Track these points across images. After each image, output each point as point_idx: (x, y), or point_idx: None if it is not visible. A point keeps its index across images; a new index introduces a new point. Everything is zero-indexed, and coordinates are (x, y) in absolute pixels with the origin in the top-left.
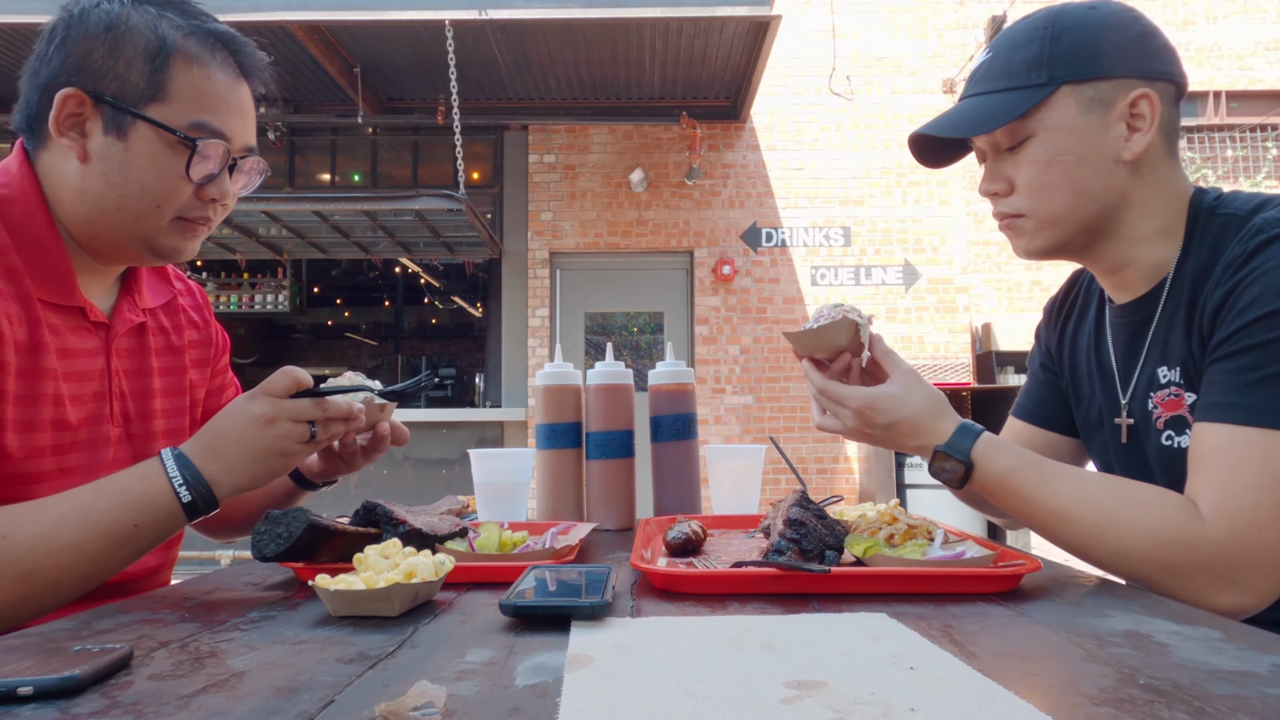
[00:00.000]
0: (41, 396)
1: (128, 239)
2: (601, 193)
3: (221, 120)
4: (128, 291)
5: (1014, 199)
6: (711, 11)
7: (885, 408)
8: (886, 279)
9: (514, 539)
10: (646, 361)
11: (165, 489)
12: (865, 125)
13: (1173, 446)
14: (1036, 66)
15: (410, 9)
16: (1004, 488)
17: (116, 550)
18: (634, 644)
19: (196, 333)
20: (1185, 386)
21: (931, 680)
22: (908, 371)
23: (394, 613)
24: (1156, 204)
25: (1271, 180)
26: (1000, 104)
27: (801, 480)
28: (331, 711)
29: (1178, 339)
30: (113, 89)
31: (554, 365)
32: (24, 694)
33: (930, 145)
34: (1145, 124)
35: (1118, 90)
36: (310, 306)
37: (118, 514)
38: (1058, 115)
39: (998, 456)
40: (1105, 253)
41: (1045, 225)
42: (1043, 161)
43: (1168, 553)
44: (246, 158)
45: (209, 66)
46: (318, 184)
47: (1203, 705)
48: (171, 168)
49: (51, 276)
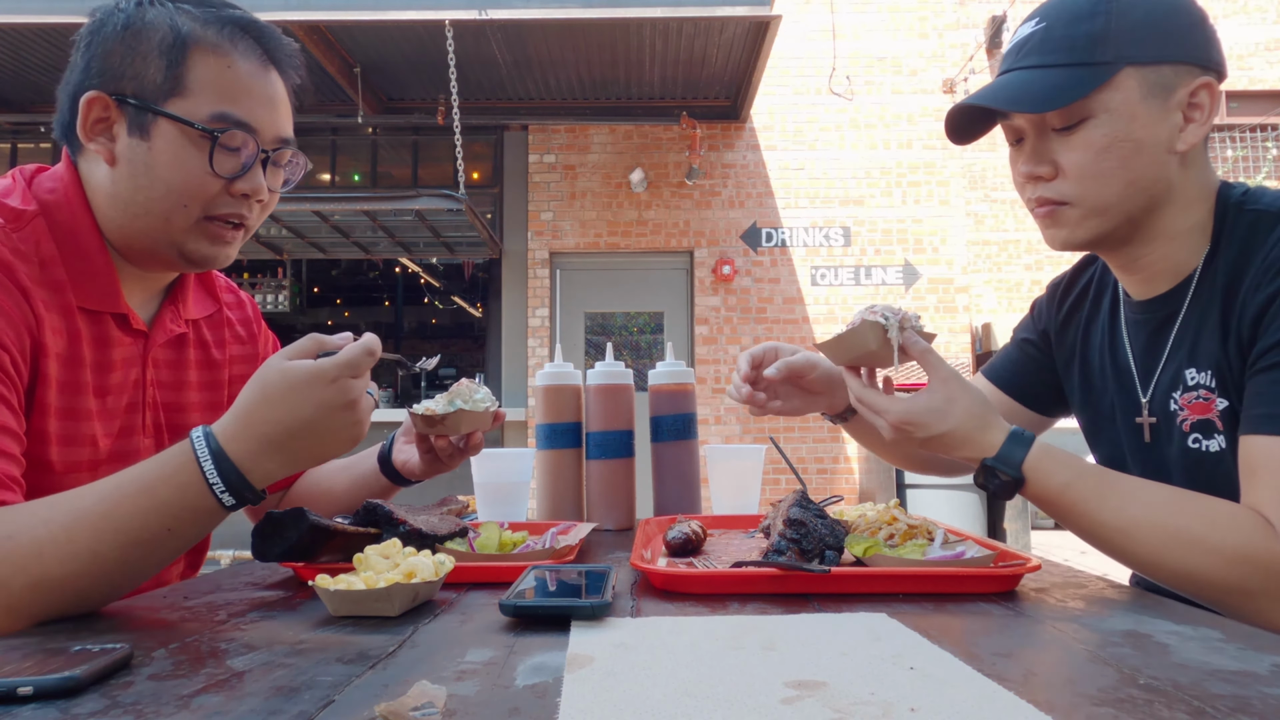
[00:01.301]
0: (78, 410)
1: (159, 243)
2: (601, 193)
3: (245, 110)
4: (172, 301)
5: (1060, 184)
6: (711, 11)
7: (924, 421)
8: (886, 279)
9: (514, 539)
10: (646, 361)
11: (203, 494)
12: (865, 125)
13: (1200, 450)
14: (1101, 43)
15: (410, 9)
16: (1060, 502)
17: (148, 555)
18: (634, 644)
19: (241, 346)
20: (1218, 391)
21: (931, 680)
22: (948, 377)
23: (394, 613)
24: (1193, 199)
25: (1271, 180)
26: (1064, 80)
27: (801, 480)
28: (331, 711)
29: (1209, 341)
30: (133, 88)
31: (554, 365)
32: (24, 694)
33: (965, 118)
34: (1203, 115)
35: (1179, 77)
36: (310, 306)
37: (146, 520)
38: (1120, 98)
39: (1053, 469)
40: (1139, 248)
41: (1091, 214)
42: (1100, 147)
43: (1245, 573)
44: (281, 150)
45: (229, 55)
46: (318, 184)
47: (1203, 705)
48: (196, 163)
49: (95, 283)
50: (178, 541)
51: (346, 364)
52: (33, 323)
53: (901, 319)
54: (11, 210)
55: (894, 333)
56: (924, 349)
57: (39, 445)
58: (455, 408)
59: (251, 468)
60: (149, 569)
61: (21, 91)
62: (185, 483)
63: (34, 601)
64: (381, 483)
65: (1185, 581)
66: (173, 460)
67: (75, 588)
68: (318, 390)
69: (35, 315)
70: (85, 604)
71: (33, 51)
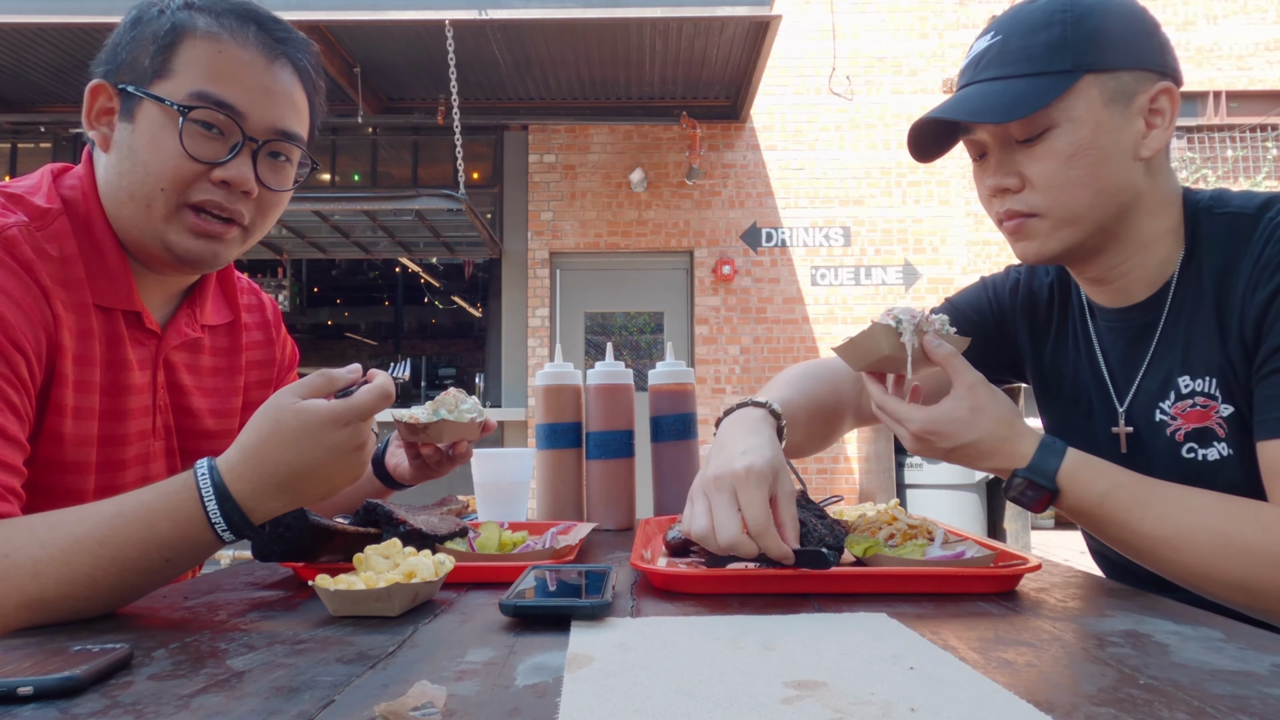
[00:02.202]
0: (90, 409)
1: (145, 234)
2: (601, 193)
3: (231, 93)
4: (189, 305)
5: (1028, 195)
6: (711, 11)
7: (949, 431)
8: (886, 279)
9: (514, 539)
10: (646, 361)
11: (203, 530)
12: (865, 125)
13: (1196, 459)
14: (1059, 51)
15: (410, 9)
16: (1098, 514)
17: (144, 580)
18: (634, 644)
19: (260, 351)
20: (1221, 398)
21: (931, 680)
22: (974, 384)
23: (394, 613)
24: (1161, 204)
25: (1272, 180)
26: (1024, 90)
27: (801, 480)
28: (331, 711)
29: (1204, 346)
30: (129, 76)
31: (554, 365)
32: (24, 694)
33: (927, 135)
34: (1164, 120)
35: (1139, 83)
36: (310, 306)
37: (144, 549)
38: (1082, 105)
39: (1091, 480)
40: (1111, 257)
41: (1062, 225)
42: (1066, 155)
43: None
44: (277, 142)
45: (220, 39)
46: (318, 184)
47: (1203, 705)
48: (170, 143)
49: (109, 279)
50: (175, 570)
51: (361, 409)
52: (51, 324)
53: (921, 321)
54: (37, 209)
55: (908, 336)
56: (947, 353)
57: (53, 445)
58: (439, 417)
59: (254, 507)
60: (144, 591)
61: (21, 91)
62: (186, 518)
63: (28, 620)
64: (375, 484)
65: (1240, 593)
66: (176, 494)
67: (71, 609)
68: (331, 434)
69: (55, 316)
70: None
71: (33, 51)
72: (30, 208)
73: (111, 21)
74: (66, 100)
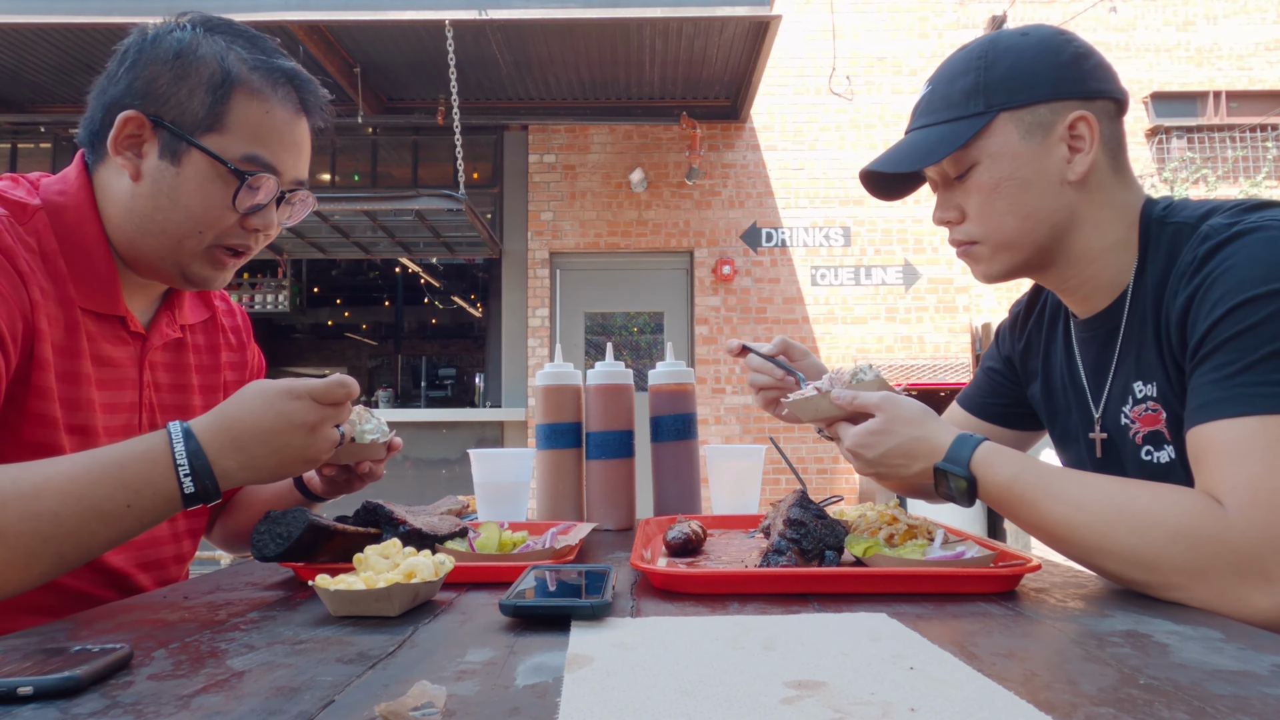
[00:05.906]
0: (82, 401)
1: (165, 261)
2: (601, 193)
3: (274, 154)
4: (169, 306)
5: (967, 226)
6: (711, 11)
7: (870, 441)
8: (886, 279)
9: (514, 539)
10: (646, 361)
11: (168, 474)
12: (865, 125)
13: (1153, 462)
14: (973, 96)
15: (410, 9)
16: (1009, 496)
17: (103, 529)
18: (634, 644)
19: (233, 354)
20: (1162, 403)
21: (931, 680)
22: (879, 403)
23: (394, 613)
24: (1108, 219)
25: (1272, 180)
26: (943, 135)
27: (801, 480)
28: (331, 711)
29: (1150, 354)
30: (173, 115)
31: (554, 365)
32: (24, 694)
33: (884, 180)
34: (1085, 144)
35: (1055, 113)
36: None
37: (110, 490)
38: (998, 142)
39: (1001, 464)
40: (1063, 271)
41: (999, 250)
42: (988, 188)
43: (1188, 549)
44: (295, 190)
45: (269, 101)
46: (317, 184)
47: (1203, 705)
48: (219, 196)
49: (96, 285)
50: (134, 520)
51: (314, 387)
52: (28, 308)
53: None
54: (15, 203)
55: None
56: (849, 398)
57: (48, 430)
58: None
59: (215, 458)
60: (101, 543)
61: (21, 91)
62: (154, 460)
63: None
64: (294, 494)
65: (1134, 566)
66: (147, 439)
67: (27, 547)
68: (283, 402)
69: (31, 300)
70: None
71: (33, 51)
72: (8, 202)
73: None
74: (66, 100)
